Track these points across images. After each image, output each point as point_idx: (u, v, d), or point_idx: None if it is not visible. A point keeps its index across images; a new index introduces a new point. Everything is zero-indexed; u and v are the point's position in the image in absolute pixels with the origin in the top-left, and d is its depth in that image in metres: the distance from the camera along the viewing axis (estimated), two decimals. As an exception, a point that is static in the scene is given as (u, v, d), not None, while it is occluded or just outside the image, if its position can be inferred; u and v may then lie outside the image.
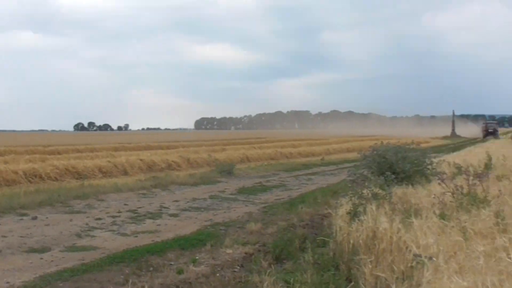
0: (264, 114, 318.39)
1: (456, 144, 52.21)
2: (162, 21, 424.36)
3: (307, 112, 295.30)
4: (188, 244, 8.67)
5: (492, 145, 34.76)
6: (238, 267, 7.09)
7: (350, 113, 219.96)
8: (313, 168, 26.06)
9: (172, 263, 7.42)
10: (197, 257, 7.67)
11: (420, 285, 4.89)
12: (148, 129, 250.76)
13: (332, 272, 6.14)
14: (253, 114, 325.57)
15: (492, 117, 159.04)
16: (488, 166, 14.28)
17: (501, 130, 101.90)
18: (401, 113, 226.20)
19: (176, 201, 14.25)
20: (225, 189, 17.01)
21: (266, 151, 38.26)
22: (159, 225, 10.80)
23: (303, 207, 11.80)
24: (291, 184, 18.63)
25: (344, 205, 8.34)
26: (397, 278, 5.41)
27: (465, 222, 6.55)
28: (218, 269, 6.99)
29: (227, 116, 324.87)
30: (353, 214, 7.41)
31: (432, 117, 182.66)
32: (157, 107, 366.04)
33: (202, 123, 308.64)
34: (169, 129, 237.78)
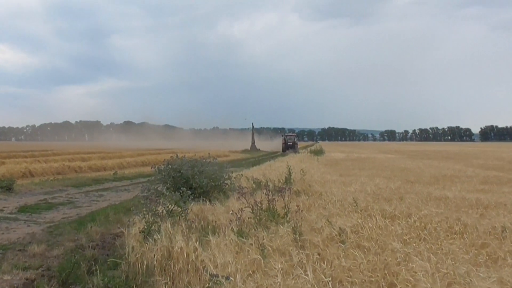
0: (50, 124, 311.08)
1: (256, 158, 56.45)
2: None
3: (98, 122, 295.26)
4: (-45, 273, 8.10)
5: (292, 159, 38.41)
6: (18, 295, 6.89)
7: (145, 125, 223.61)
8: (105, 184, 26.24)
9: None
10: (-33, 287, 7.28)
11: (217, 307, 5.27)
12: None
13: (124, 296, 6.25)
14: (37, 124, 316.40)
15: (291, 131, 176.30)
16: (287, 181, 15.89)
17: (300, 144, 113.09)
18: (199, 125, 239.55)
19: None
20: (4, 207, 16.31)
21: (53, 165, 37.09)
22: None
23: (93, 226, 11.91)
24: (80, 201, 18.37)
25: (138, 223, 8.58)
26: (193, 300, 5.75)
27: (264, 239, 7.24)
28: (-7, 298, 6.74)
29: (7, 125, 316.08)
30: (147, 233, 7.66)
31: (232, 129, 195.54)
32: None
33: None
34: None
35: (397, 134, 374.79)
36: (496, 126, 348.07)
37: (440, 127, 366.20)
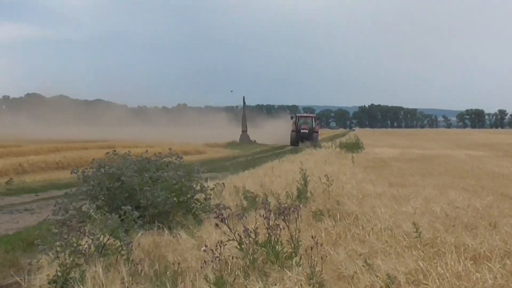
0: None
1: (250, 155, 56.46)
2: None
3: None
4: None
5: (308, 158, 38.30)
6: None
7: (62, 99, 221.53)
8: (-8, 200, 26.05)
9: None
10: None
11: None
12: None
13: None
14: None
15: (309, 110, 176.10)
16: (301, 195, 15.86)
17: (323, 132, 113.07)
18: (152, 101, 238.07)
19: None
20: None
21: None
22: None
23: (-32, 273, 11.79)
24: None
25: (46, 268, 8.50)
26: None
27: (260, 294, 7.22)
28: None
29: None
30: (62, 284, 7.57)
31: (209, 108, 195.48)
32: None
33: None
34: None
35: (486, 117, 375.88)
36: None
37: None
